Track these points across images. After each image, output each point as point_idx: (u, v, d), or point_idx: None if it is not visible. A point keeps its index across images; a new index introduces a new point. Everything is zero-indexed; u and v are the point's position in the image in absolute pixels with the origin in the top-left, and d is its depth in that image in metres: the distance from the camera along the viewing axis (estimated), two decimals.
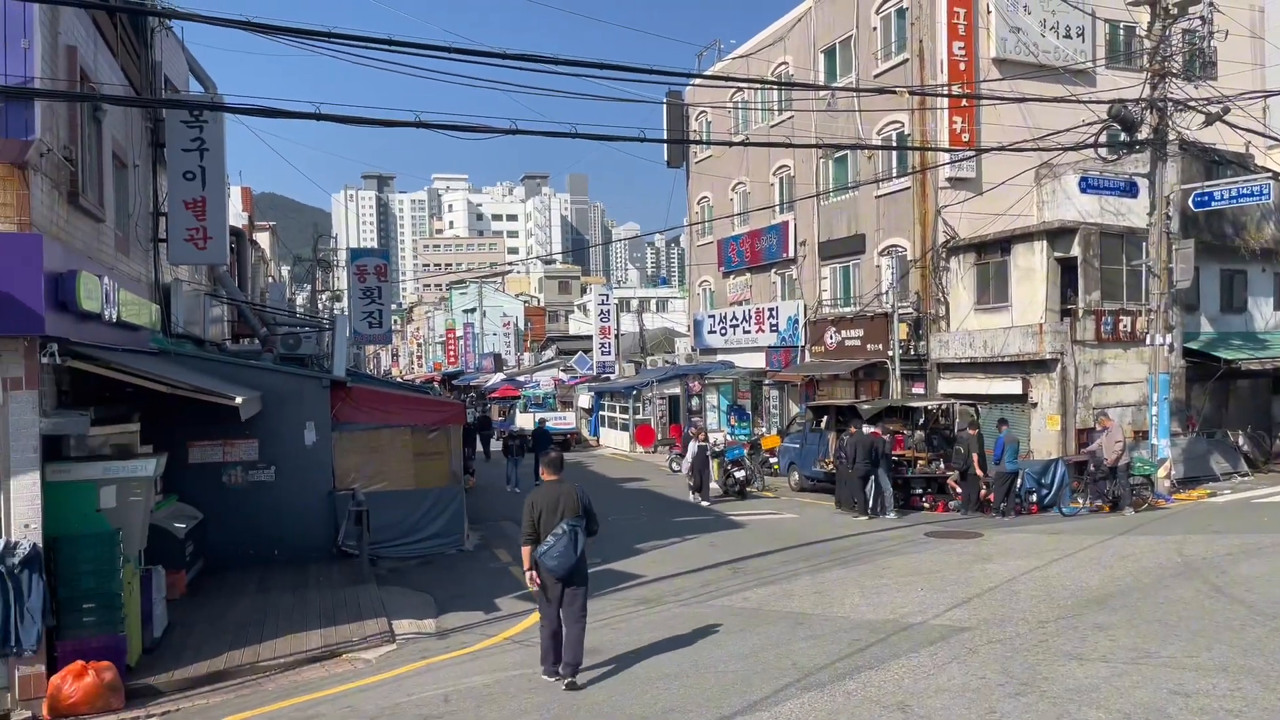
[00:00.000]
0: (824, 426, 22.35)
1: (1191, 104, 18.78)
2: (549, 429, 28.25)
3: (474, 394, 57.32)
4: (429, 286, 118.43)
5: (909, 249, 24.89)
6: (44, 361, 8.31)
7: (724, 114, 34.26)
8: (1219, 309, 24.01)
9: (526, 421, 36.37)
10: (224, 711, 8.31)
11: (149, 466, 9.41)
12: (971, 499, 18.14)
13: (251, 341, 22.44)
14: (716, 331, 34.62)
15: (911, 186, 24.69)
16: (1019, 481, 17.85)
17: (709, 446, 21.87)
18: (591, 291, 54.95)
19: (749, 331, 32.13)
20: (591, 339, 46.32)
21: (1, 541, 8.06)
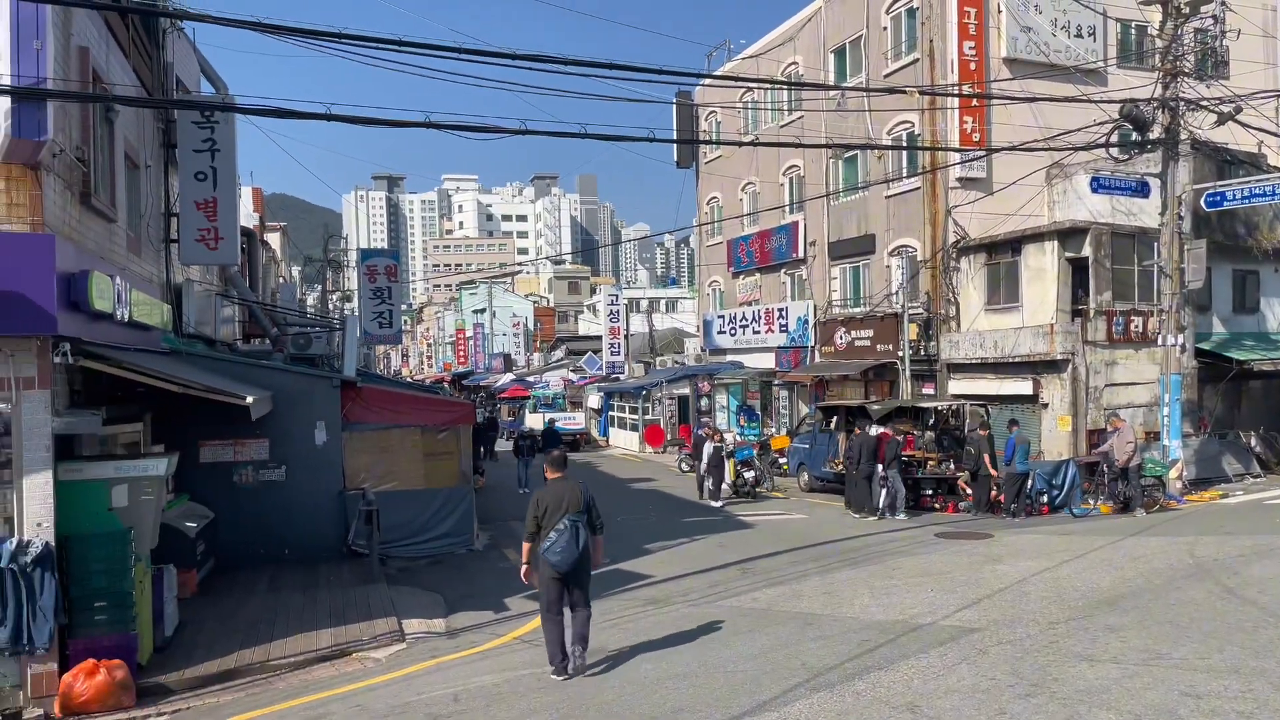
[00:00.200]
0: (833, 427, 22.33)
1: (1204, 103, 18.69)
2: (558, 429, 28.31)
3: (484, 394, 57.40)
4: (439, 287, 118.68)
5: (919, 249, 24.84)
6: (56, 361, 8.35)
7: (733, 114, 34.24)
8: (1231, 309, 23.89)
9: (536, 422, 36.44)
10: (235, 710, 8.34)
11: (160, 466, 9.45)
12: (982, 500, 18.10)
13: (262, 341, 22.54)
14: (726, 332, 34.60)
15: (922, 186, 24.64)
16: (1030, 482, 17.79)
17: (724, 448, 21.80)
18: (601, 292, 54.96)
19: (758, 332, 32.10)
20: (601, 339, 46.34)
21: (14, 540, 8.11)
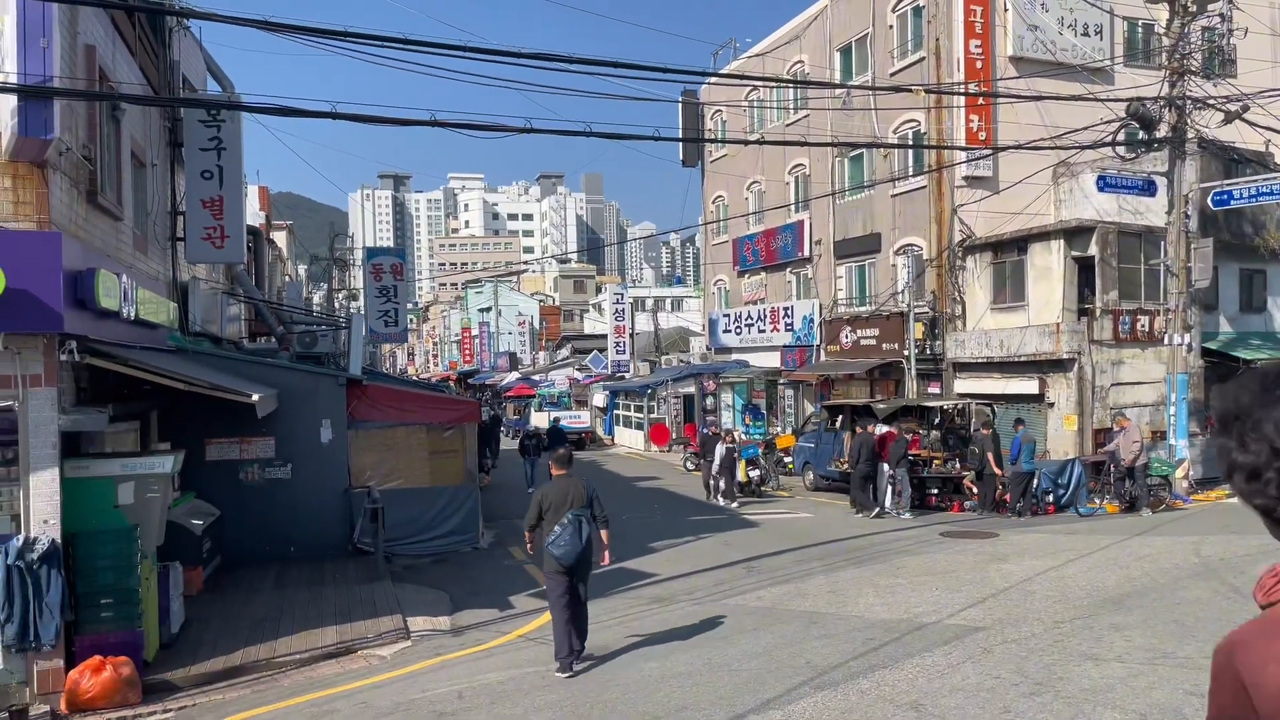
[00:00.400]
0: (839, 426, 22.30)
1: (1210, 102, 18.63)
2: (563, 428, 28.30)
3: (489, 393, 57.45)
4: (445, 285, 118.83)
5: (925, 248, 24.80)
6: (63, 359, 8.38)
7: (739, 113, 34.21)
8: (1238, 308, 23.81)
9: (541, 420, 36.44)
10: (240, 707, 8.37)
11: (166, 463, 9.47)
12: (987, 499, 18.07)
13: (268, 340, 22.59)
14: (731, 330, 34.59)
15: (927, 185, 24.60)
16: (1035, 482, 17.76)
17: (736, 448, 21.68)
18: (606, 291, 54.96)
19: (764, 330, 32.08)
20: (606, 338, 46.35)
21: (21, 537, 8.14)
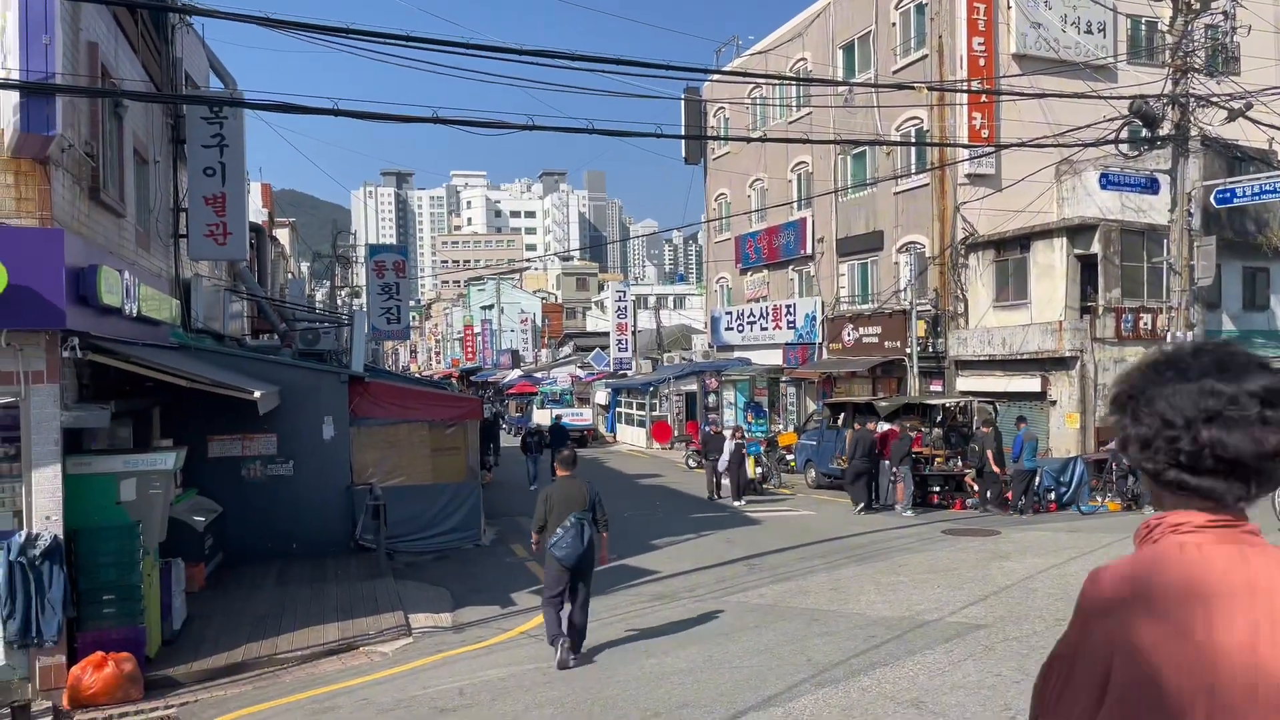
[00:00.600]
0: (841, 424, 22.30)
1: (1214, 99, 18.57)
2: (565, 425, 28.26)
3: (492, 390, 57.48)
4: (447, 283, 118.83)
5: (927, 246, 24.78)
6: (65, 355, 8.38)
7: (742, 110, 34.18)
8: (1241, 306, 23.78)
9: (543, 418, 36.44)
10: (242, 703, 8.38)
11: (169, 460, 9.49)
12: (990, 497, 18.07)
13: (271, 337, 22.61)
14: (734, 328, 34.58)
15: (930, 183, 24.57)
16: (1037, 479, 17.75)
17: (745, 445, 21.59)
18: (609, 288, 54.96)
19: (766, 328, 32.07)
20: (609, 335, 46.34)
21: (23, 533, 8.15)
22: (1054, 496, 18.01)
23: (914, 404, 21.45)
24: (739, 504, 20.07)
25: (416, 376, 57.96)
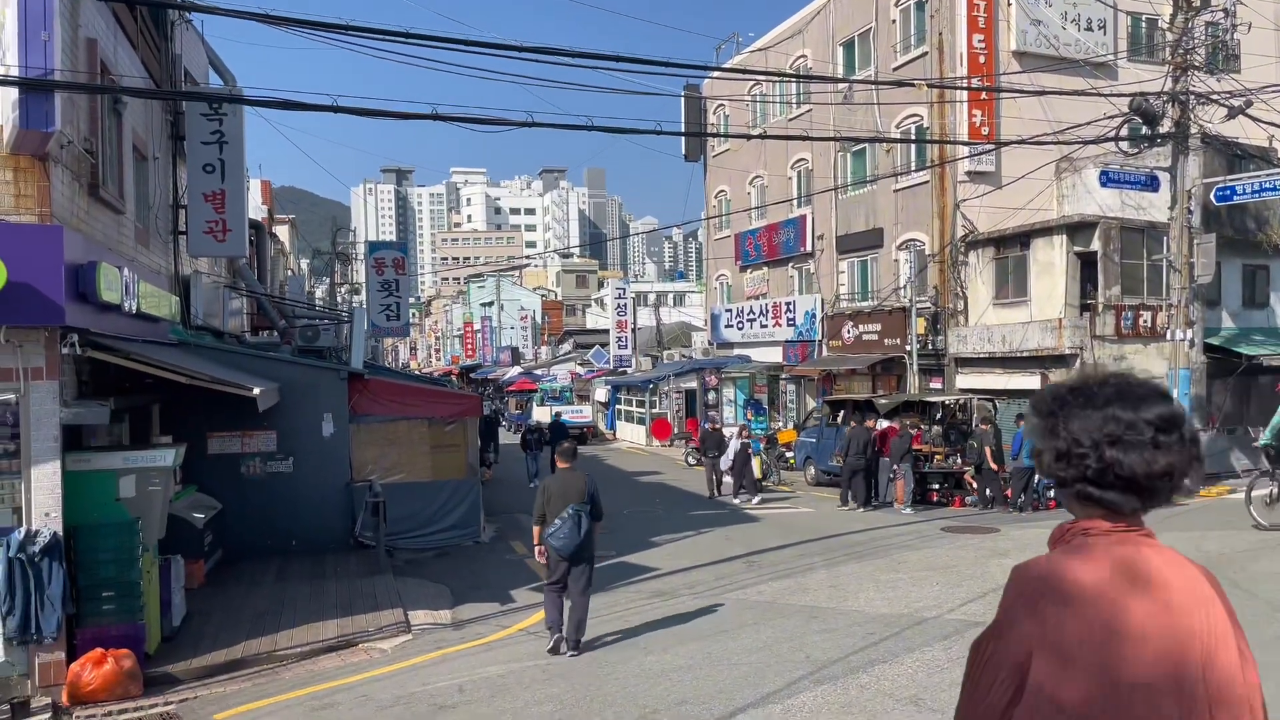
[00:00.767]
0: (840, 421, 22.30)
1: (1214, 97, 18.58)
2: (565, 422, 28.26)
3: (491, 387, 57.49)
4: (447, 280, 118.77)
5: (927, 243, 24.77)
6: (64, 352, 8.38)
7: (742, 107, 34.16)
8: (1240, 304, 23.77)
9: (543, 415, 36.44)
10: (241, 700, 8.38)
11: (168, 456, 9.49)
12: (992, 494, 18.07)
13: (270, 334, 22.61)
14: (733, 325, 34.58)
15: (930, 180, 24.56)
16: (1036, 477, 17.74)
17: (750, 444, 21.50)
18: (609, 285, 54.95)
19: (766, 326, 32.07)
20: (608, 333, 46.34)
21: (22, 530, 8.15)
22: (1053, 494, 17.98)
23: (913, 401, 21.45)
24: (749, 502, 19.68)
25: (416, 373, 57.98)
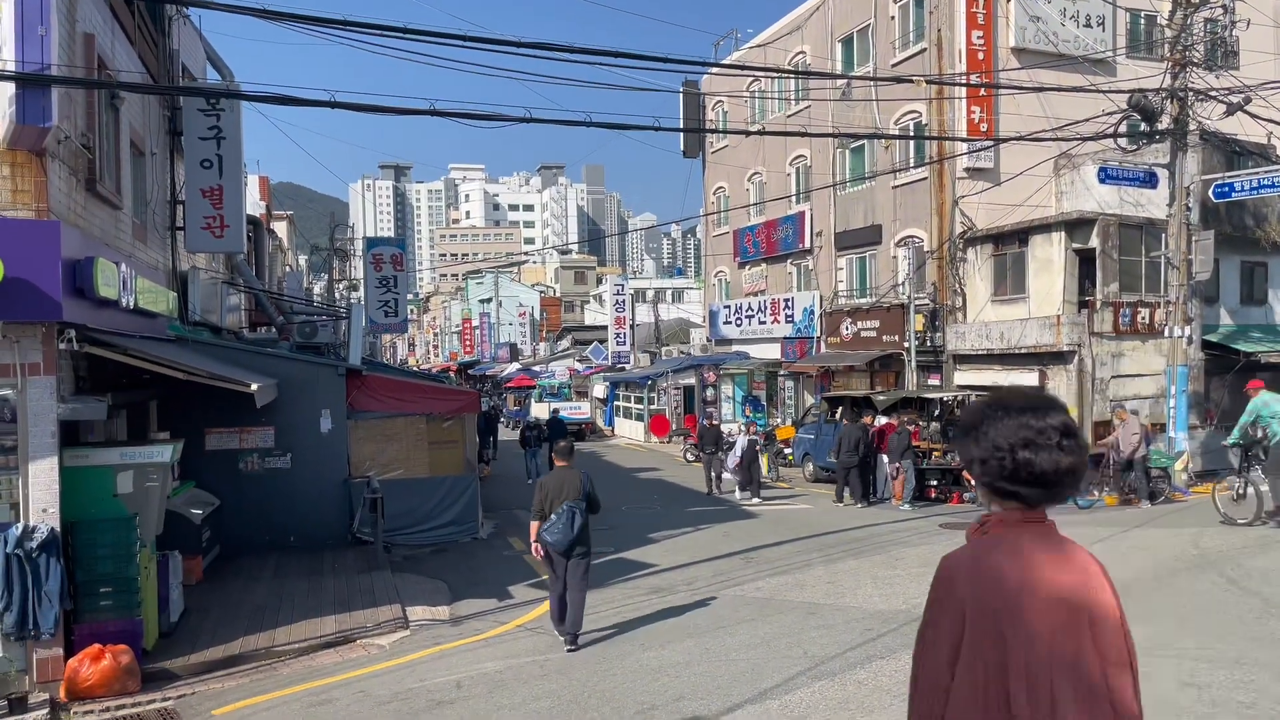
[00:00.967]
0: (839, 418, 22.31)
1: (1212, 94, 18.57)
2: (563, 419, 28.24)
3: (490, 384, 57.47)
4: (445, 276, 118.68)
5: (926, 240, 24.77)
6: (62, 347, 8.37)
7: (740, 104, 34.13)
8: (1239, 301, 23.77)
9: (541, 411, 36.45)
10: (239, 695, 8.38)
11: (165, 452, 9.48)
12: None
13: (268, 330, 22.57)
14: (732, 322, 34.57)
15: (929, 177, 24.56)
16: None
17: (758, 441, 21.24)
18: (607, 282, 54.91)
19: (764, 322, 32.07)
20: (607, 329, 46.33)
21: (20, 526, 8.14)
22: None
23: (912, 398, 21.46)
24: (752, 499, 19.58)
25: (414, 370, 57.99)
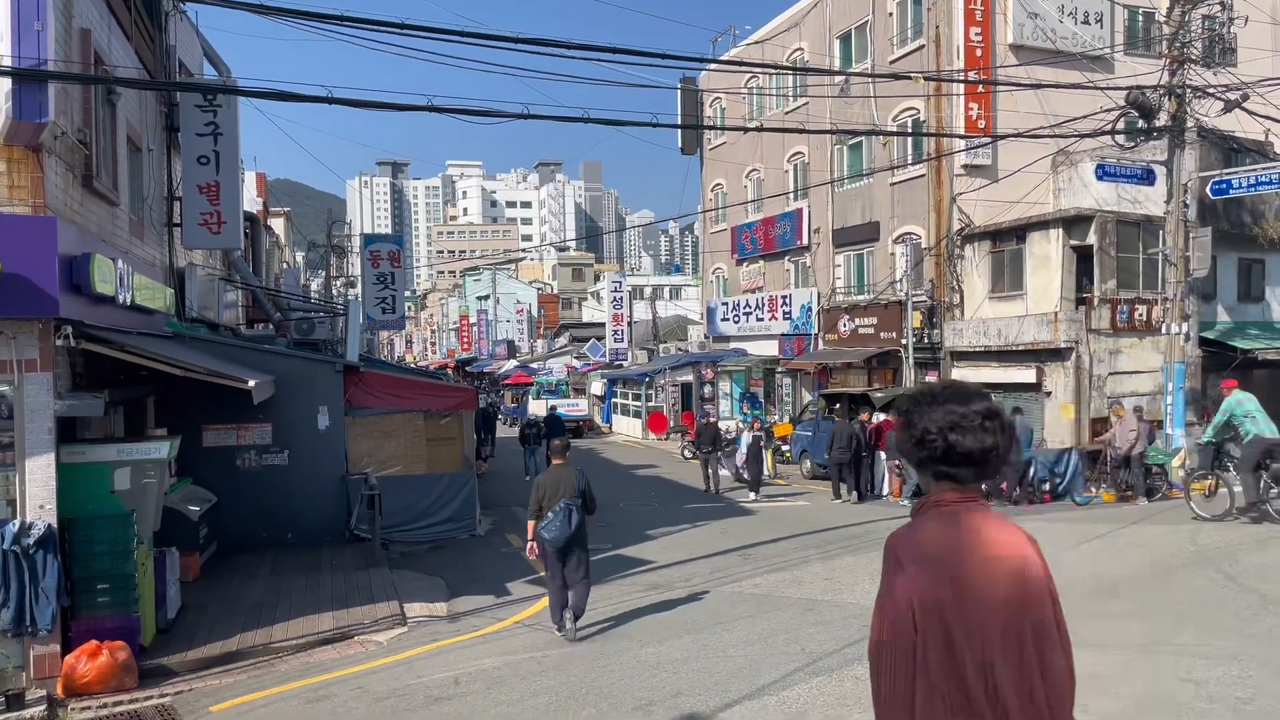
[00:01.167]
0: (836, 415, 22.32)
1: (1210, 90, 18.57)
2: (561, 416, 28.23)
3: (487, 381, 57.46)
4: (443, 273, 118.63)
5: (924, 236, 24.77)
6: (58, 344, 8.36)
7: (738, 100, 34.10)
8: (1236, 298, 23.78)
9: (539, 408, 36.44)
10: (236, 692, 8.38)
11: (163, 449, 9.46)
12: (988, 487, 18.08)
13: (266, 326, 22.56)
14: (730, 319, 34.57)
15: (926, 174, 24.55)
16: (1032, 470, 17.78)
17: (763, 437, 21.10)
18: (605, 279, 54.92)
19: (762, 319, 32.07)
20: (604, 326, 46.32)
21: (17, 522, 8.13)
22: (1048, 487, 18.01)
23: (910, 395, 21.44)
24: (755, 497, 19.42)
25: (412, 367, 57.95)
